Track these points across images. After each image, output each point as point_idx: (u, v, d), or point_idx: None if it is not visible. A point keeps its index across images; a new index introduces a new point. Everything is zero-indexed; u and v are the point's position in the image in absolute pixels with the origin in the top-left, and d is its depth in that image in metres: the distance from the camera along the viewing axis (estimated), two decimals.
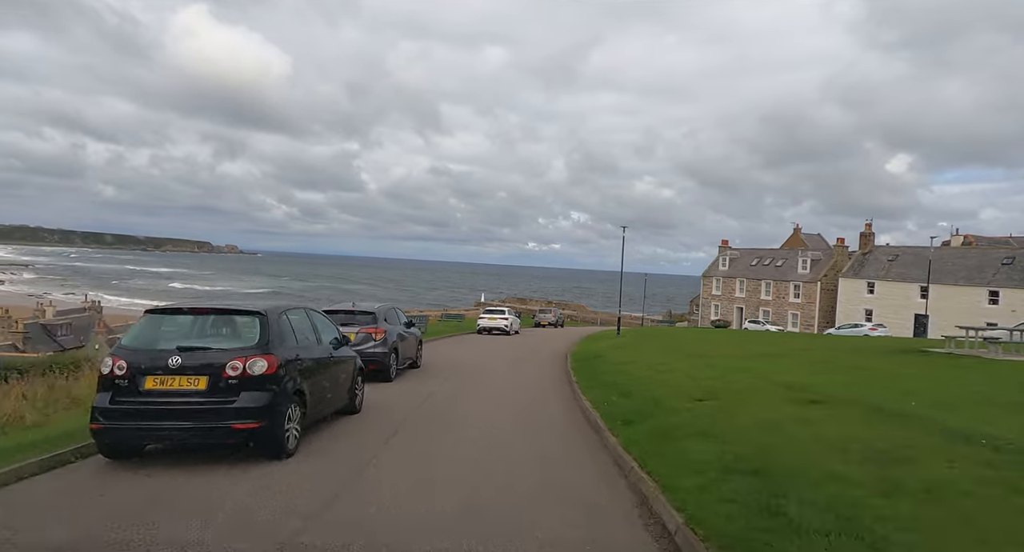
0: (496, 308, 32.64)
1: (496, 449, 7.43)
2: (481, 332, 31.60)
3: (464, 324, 35.69)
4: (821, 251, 55.51)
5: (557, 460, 7.03)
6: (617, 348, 22.20)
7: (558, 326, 48.79)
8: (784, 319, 54.88)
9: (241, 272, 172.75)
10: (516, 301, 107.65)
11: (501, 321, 31.41)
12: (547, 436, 8.38)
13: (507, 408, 10.53)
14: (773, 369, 14.01)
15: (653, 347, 22.17)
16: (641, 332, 34.99)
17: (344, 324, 12.50)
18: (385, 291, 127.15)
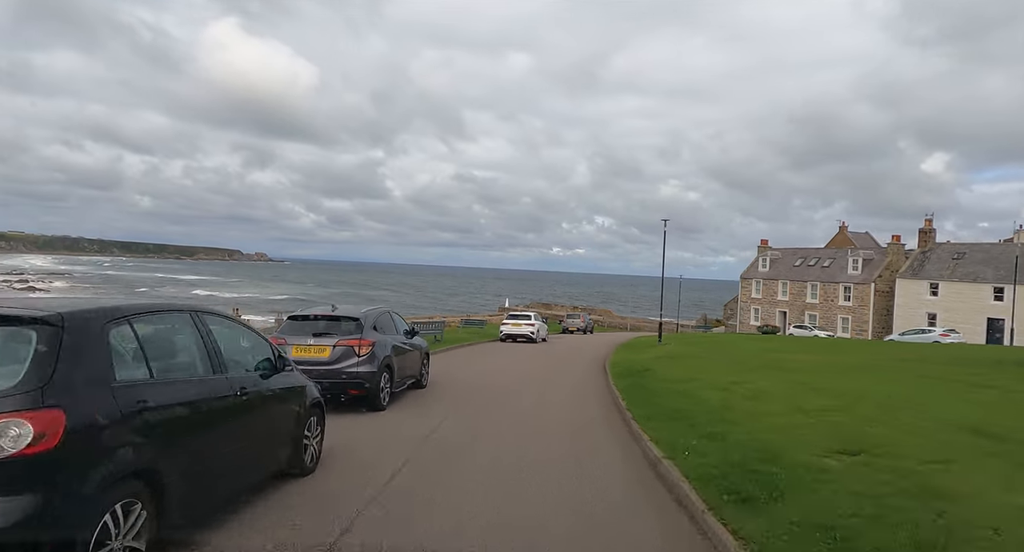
0: (521, 313, 29.23)
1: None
2: (504, 340, 28.24)
3: (486, 330, 32.40)
4: (872, 250, 50.81)
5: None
6: (667, 359, 18.62)
7: (587, 332, 45.15)
8: (833, 324, 50.31)
9: (268, 279, 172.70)
10: (540, 306, 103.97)
11: (526, 327, 27.99)
12: (607, 524, 4.94)
13: (537, 459, 7.09)
14: (902, 392, 10.33)
15: (712, 358, 18.50)
16: (684, 339, 31.19)
17: (319, 334, 9.27)
18: (406, 297, 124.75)
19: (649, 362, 18.20)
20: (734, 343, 26.06)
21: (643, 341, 30.71)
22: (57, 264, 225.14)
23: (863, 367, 14.90)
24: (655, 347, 24.58)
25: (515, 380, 14.58)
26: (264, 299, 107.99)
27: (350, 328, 9.38)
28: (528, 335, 27.90)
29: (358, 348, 9.08)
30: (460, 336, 28.79)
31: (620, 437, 8.62)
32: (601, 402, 11.83)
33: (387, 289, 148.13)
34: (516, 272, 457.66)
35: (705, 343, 25.81)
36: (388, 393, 9.68)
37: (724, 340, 29.61)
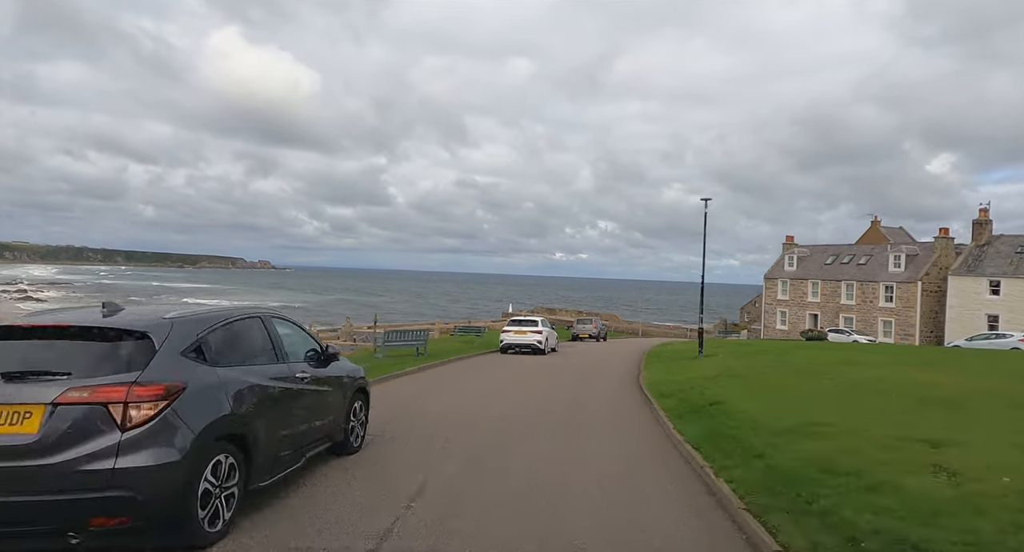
0: (525, 318, 23.70)
1: None
2: (505, 351, 22.78)
3: (485, 339, 26.99)
4: (916, 245, 45.21)
5: None
6: (729, 380, 13.19)
7: (601, 339, 39.59)
8: (872, 327, 44.64)
9: (264, 287, 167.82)
10: (545, 311, 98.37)
11: (532, 336, 22.53)
12: None
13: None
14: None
15: (792, 378, 12.98)
16: (721, 347, 25.61)
17: (20, 377, 3.76)
18: (402, 303, 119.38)
19: (705, 385, 12.76)
20: (790, 352, 20.56)
21: (673, 350, 25.18)
22: (56, 274, 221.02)
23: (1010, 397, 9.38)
24: (696, 360, 19.07)
25: (511, 425, 9.05)
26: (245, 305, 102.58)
27: (117, 356, 3.90)
28: (535, 345, 22.44)
29: (124, 409, 3.61)
30: (451, 347, 23.31)
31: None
32: (668, 473, 6.39)
33: (385, 295, 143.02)
34: (520, 278, 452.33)
35: (756, 354, 20.30)
36: (224, 510, 4.18)
37: (773, 349, 24.08)
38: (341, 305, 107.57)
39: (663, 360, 19.94)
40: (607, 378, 15.91)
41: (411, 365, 16.06)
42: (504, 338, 22.91)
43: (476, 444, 7.40)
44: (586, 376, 16.26)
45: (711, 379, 13.47)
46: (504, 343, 22.84)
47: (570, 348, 29.30)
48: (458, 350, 21.85)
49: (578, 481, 5.88)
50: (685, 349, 25.41)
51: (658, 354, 22.80)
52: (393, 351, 18.67)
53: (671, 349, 26.16)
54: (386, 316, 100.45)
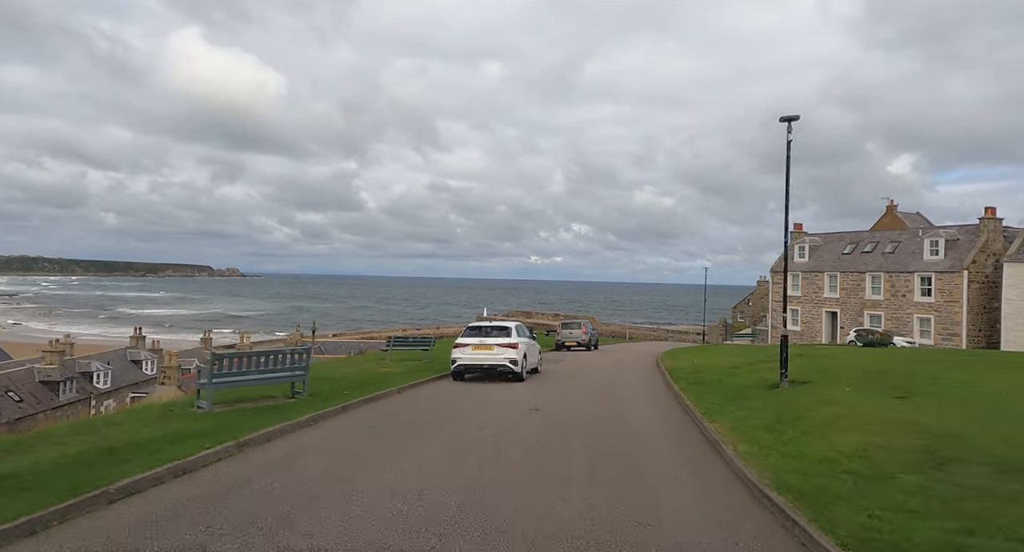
0: (492, 325, 14.90)
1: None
2: (460, 376, 14.25)
3: (436, 355, 18.33)
4: (956, 228, 38.09)
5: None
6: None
7: (592, 347, 31.24)
8: (906, 326, 37.31)
9: (223, 295, 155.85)
10: (521, 314, 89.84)
11: (502, 351, 14.10)
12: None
13: None
14: None
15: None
16: (762, 355, 17.36)
17: None
18: (365, 311, 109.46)
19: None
20: (889, 370, 12.52)
21: (705, 365, 16.84)
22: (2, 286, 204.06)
23: None
24: (785, 393, 10.74)
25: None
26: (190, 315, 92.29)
27: None
28: (506, 366, 13.89)
29: None
30: (375, 375, 14.53)
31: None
32: None
33: (347, 301, 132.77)
34: (495, 282, 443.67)
35: (872, 377, 12.11)
36: None
37: (859, 360, 15.95)
38: (299, 313, 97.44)
39: (721, 393, 11.65)
40: (658, 451, 7.44)
41: (267, 422, 7.39)
42: (458, 356, 14.29)
43: None
44: (613, 445, 7.75)
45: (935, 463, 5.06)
46: (457, 364, 14.24)
47: (556, 363, 20.82)
48: (380, 380, 13.09)
49: None
50: (721, 364, 17.14)
51: (698, 378, 14.47)
52: (249, 392, 9.88)
53: (699, 364, 17.88)
54: (347, 323, 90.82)
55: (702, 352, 25.51)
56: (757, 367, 15.56)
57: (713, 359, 20.06)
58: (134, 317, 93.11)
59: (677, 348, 33.96)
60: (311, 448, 7.12)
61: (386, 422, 8.80)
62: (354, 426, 8.51)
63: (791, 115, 11.40)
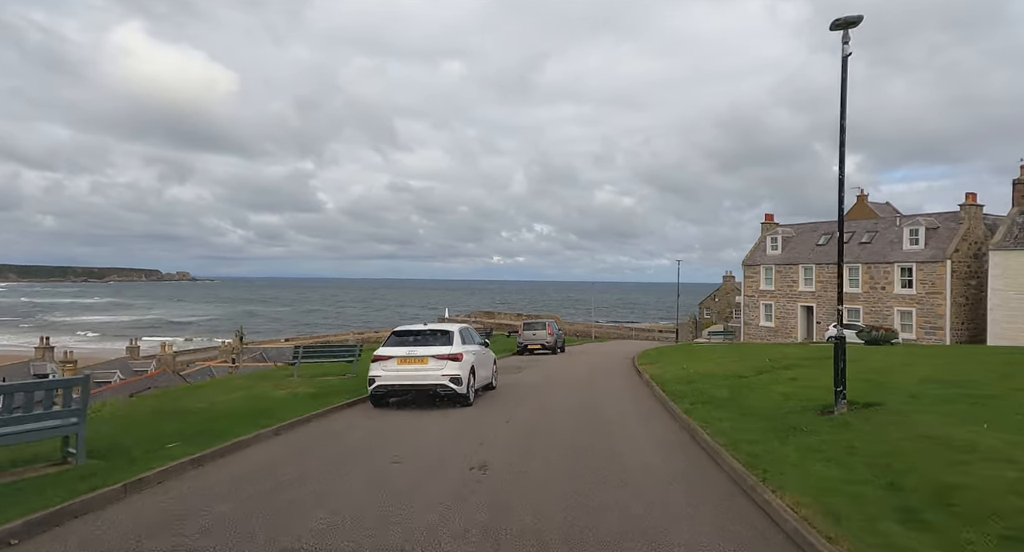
0: (427, 329, 10.84)
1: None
2: (382, 401, 10.18)
3: (362, 369, 14.15)
4: (935, 216, 36.03)
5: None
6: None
7: (558, 350, 27.52)
8: (887, 321, 35.01)
9: (166, 299, 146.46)
10: (483, 315, 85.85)
11: (438, 366, 10.04)
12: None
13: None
14: None
15: None
16: (765, 354, 13.86)
17: None
18: (314, 315, 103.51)
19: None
20: (956, 379, 9.18)
21: (702, 374, 13.21)
22: None
23: None
24: (835, 426, 7.03)
25: None
26: (126, 322, 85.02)
27: None
28: (446, 387, 9.89)
29: None
30: (263, 401, 10.28)
31: None
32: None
33: (296, 305, 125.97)
34: (459, 282, 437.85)
35: (897, 378, 8.67)
36: None
37: (869, 361, 12.64)
38: (246, 318, 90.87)
39: (755, 423, 7.94)
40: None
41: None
42: (378, 374, 10.18)
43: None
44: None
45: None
46: (377, 385, 10.12)
47: (516, 373, 16.96)
48: (260, 412, 8.85)
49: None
50: (718, 371, 13.58)
51: (699, 393, 10.83)
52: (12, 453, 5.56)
53: (691, 372, 14.26)
54: (301, 328, 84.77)
55: (683, 354, 22.09)
56: (774, 377, 12.02)
57: (703, 364, 16.55)
58: (63, 325, 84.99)
59: (650, 348, 30.63)
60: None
61: (191, 521, 4.69)
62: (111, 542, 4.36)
63: (849, 18, 7.73)
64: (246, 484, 5.65)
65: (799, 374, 12.06)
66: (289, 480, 5.77)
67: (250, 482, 5.71)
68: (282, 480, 5.76)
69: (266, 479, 5.80)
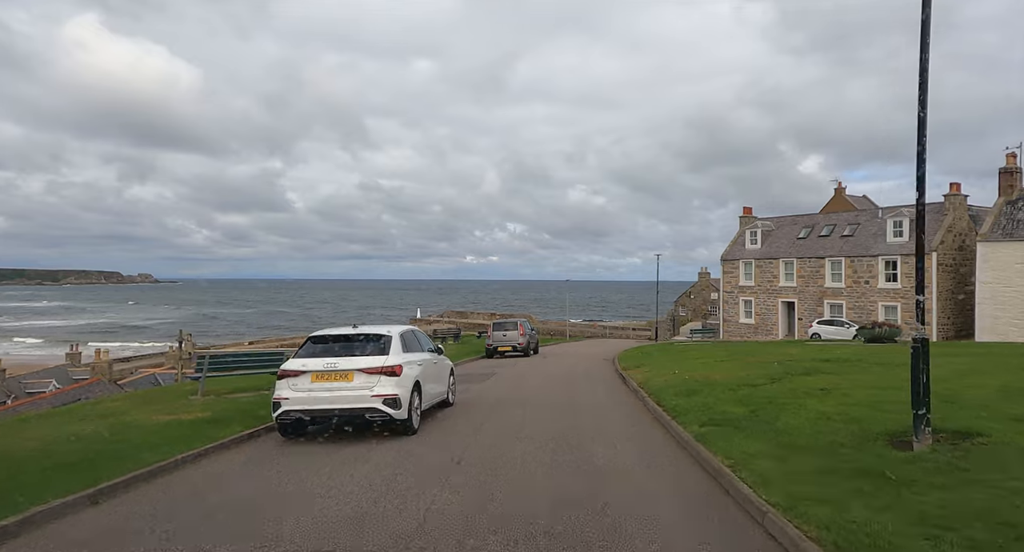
0: (352, 333, 8.14)
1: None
2: (293, 431, 7.53)
3: None
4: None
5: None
6: None
7: (531, 352, 25.10)
8: (871, 315, 33.58)
9: (118, 302, 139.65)
10: (455, 314, 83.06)
11: (366, 383, 7.41)
12: None
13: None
14: None
15: None
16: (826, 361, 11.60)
17: None
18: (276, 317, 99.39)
19: None
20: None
21: (702, 375, 10.80)
22: None
23: None
24: (933, 471, 4.66)
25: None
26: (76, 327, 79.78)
27: None
28: (375, 410, 7.26)
29: None
30: (132, 432, 7.52)
31: None
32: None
33: (261, 306, 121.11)
34: (432, 282, 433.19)
35: (965, 388, 6.45)
36: None
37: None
38: (207, 321, 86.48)
39: (806, 460, 5.50)
40: None
41: None
42: (285, 395, 7.46)
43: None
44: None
45: None
46: (282, 411, 7.43)
47: (481, 382, 14.45)
48: (111, 455, 6.08)
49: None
50: (717, 376, 11.33)
51: (707, 408, 8.48)
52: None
53: (686, 378, 11.96)
54: (267, 331, 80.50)
55: (667, 355, 19.85)
56: (794, 386, 9.73)
57: (696, 367, 14.26)
58: (6, 330, 79.17)
59: (629, 348, 28.47)
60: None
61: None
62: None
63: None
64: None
65: (826, 383, 9.79)
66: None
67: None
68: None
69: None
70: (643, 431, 8.27)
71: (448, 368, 10.33)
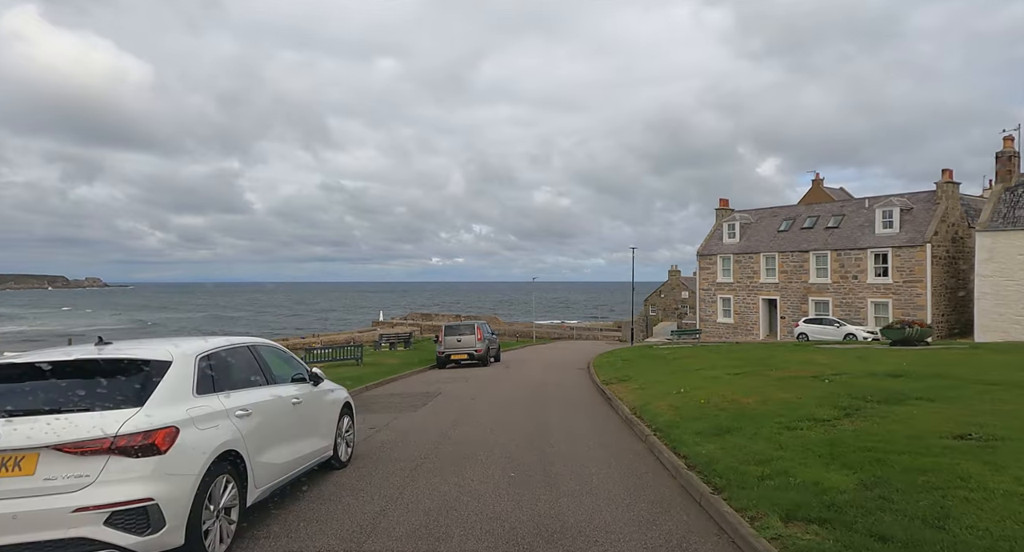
0: (60, 364, 3.61)
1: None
2: None
3: None
4: (906, 196, 32.13)
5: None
6: None
7: (491, 360, 21.03)
8: (859, 314, 30.82)
9: (53, 308, 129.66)
10: (421, 316, 79.03)
11: (34, 489, 3.08)
12: None
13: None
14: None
15: None
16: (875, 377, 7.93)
17: None
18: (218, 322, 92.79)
19: None
20: None
21: (719, 395, 6.92)
22: None
23: None
24: None
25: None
26: None
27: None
28: (89, 542, 2.89)
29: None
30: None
31: None
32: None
33: (212, 311, 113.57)
34: (397, 284, 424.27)
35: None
36: None
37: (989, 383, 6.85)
38: (144, 329, 79.54)
39: None
40: None
41: None
42: None
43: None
44: None
45: None
46: None
47: (410, 413, 10.30)
48: None
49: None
50: (745, 398, 7.52)
51: (830, 507, 4.39)
52: None
53: (700, 399, 8.17)
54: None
55: (655, 363, 16.12)
56: (886, 420, 5.94)
57: (704, 382, 10.47)
58: None
59: (603, 352, 24.76)
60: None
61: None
62: None
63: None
64: None
65: (948, 420, 6.02)
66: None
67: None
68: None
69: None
70: (677, 531, 4.31)
71: (334, 407, 6.14)
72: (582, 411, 10.09)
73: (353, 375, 15.95)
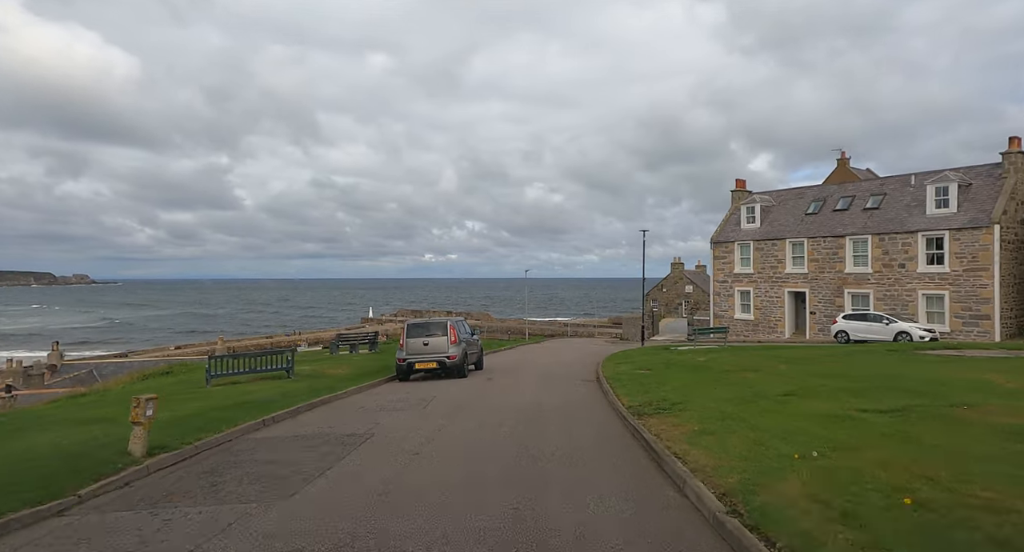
0: None
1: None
2: None
3: None
4: (962, 171, 27.34)
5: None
6: None
7: (467, 370, 15.92)
8: (907, 308, 26.05)
9: (56, 307, 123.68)
10: (411, 314, 74.59)
11: None
12: None
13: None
14: None
15: None
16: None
17: None
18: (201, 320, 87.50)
19: None
20: None
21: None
22: None
23: None
24: None
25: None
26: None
27: None
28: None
29: None
30: None
31: None
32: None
33: (197, 308, 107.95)
34: (388, 281, 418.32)
35: None
36: None
37: None
38: (111, 329, 74.20)
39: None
40: None
41: None
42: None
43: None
44: None
45: None
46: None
47: (286, 503, 5.15)
48: None
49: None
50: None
51: None
52: None
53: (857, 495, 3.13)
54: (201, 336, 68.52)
55: (701, 376, 11.23)
56: None
57: (828, 426, 5.53)
58: None
59: (608, 354, 19.93)
60: None
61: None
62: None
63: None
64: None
65: None
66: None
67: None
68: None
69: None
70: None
71: None
72: (615, 484, 5.16)
73: (269, 395, 11.01)
